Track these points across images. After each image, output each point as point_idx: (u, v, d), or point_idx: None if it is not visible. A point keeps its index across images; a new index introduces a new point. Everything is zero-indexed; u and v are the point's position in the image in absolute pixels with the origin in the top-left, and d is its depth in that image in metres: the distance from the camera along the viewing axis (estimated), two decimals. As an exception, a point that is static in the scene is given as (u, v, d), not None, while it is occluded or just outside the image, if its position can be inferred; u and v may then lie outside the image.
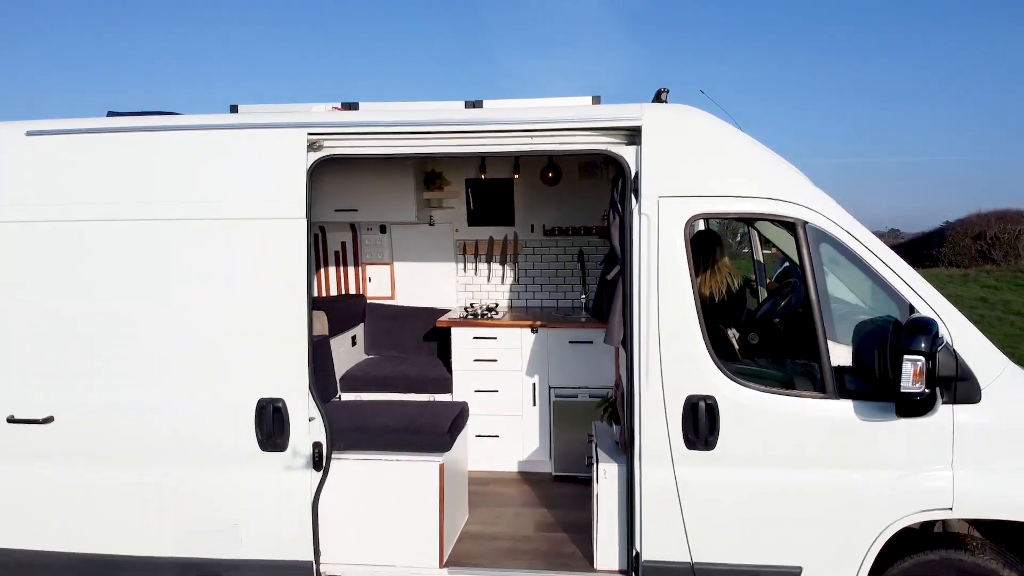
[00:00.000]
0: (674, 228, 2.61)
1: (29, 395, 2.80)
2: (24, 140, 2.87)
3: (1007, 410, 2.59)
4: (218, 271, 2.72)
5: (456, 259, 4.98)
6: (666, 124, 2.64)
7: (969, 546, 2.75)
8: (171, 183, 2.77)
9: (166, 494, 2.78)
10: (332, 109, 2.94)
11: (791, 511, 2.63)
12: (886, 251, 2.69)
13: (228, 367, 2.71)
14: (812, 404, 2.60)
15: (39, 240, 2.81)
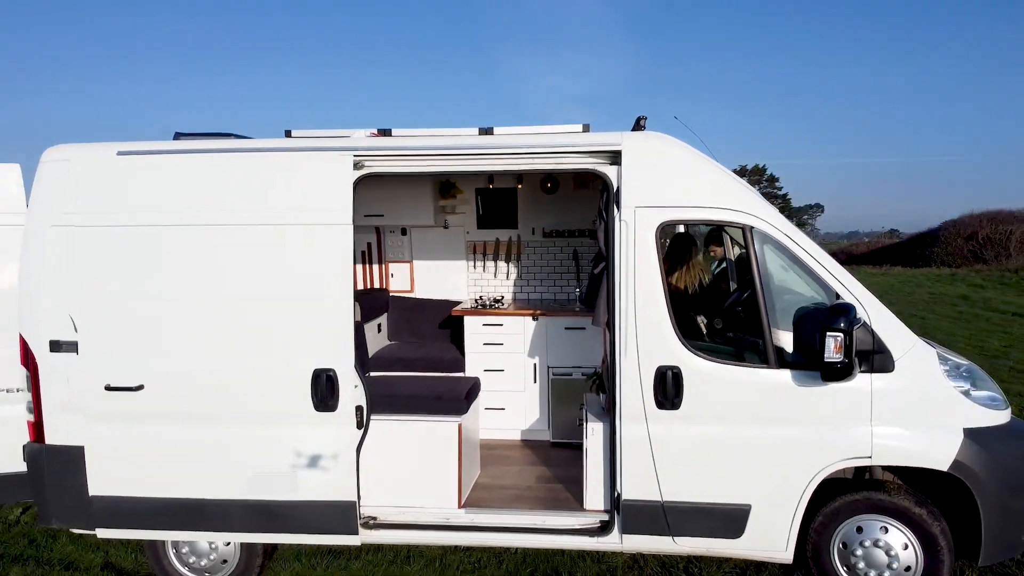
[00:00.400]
0: (647, 232, 3.24)
1: (123, 367, 3.42)
2: (115, 159, 3.50)
3: (916, 378, 3.22)
4: (280, 266, 3.34)
5: (467, 257, 5.61)
6: (641, 148, 3.28)
7: (888, 489, 3.40)
8: (241, 195, 3.38)
9: (237, 448, 3.40)
10: (370, 135, 3.57)
11: (742, 459, 3.26)
12: (818, 250, 3.33)
13: (288, 343, 3.33)
14: (757, 373, 3.23)
15: (130, 241, 3.41)
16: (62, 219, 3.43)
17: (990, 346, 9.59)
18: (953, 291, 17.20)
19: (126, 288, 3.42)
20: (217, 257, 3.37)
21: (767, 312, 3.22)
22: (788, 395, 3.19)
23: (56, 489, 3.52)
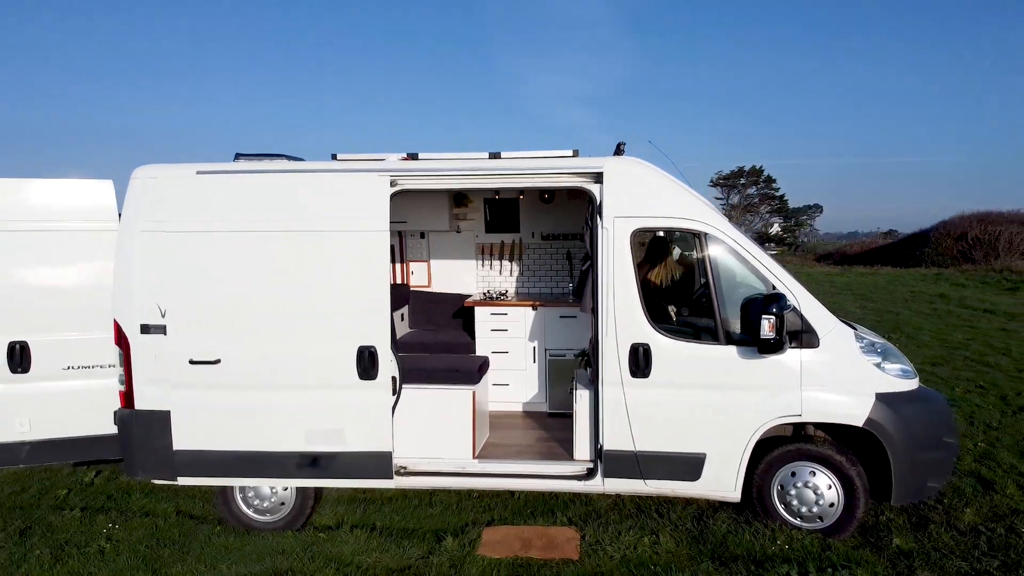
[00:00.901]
0: (624, 237, 4.07)
1: (204, 345, 4.23)
2: (195, 177, 4.31)
3: (836, 352, 4.05)
4: (330, 264, 4.15)
5: (476, 257, 6.44)
6: (619, 170, 4.11)
7: (816, 441, 4.23)
8: (298, 206, 4.19)
9: (296, 409, 4.21)
10: (401, 159, 4.40)
11: (698, 417, 4.08)
12: (759, 251, 4.16)
13: (337, 326, 4.15)
14: (710, 348, 4.06)
15: (208, 244, 4.21)
16: (151, 225, 4.25)
17: (953, 339, 10.41)
18: (934, 290, 18.04)
19: (205, 282, 4.22)
20: (279, 256, 4.18)
21: (718, 300, 4.05)
22: (734, 366, 4.02)
23: (143, 446, 4.33)
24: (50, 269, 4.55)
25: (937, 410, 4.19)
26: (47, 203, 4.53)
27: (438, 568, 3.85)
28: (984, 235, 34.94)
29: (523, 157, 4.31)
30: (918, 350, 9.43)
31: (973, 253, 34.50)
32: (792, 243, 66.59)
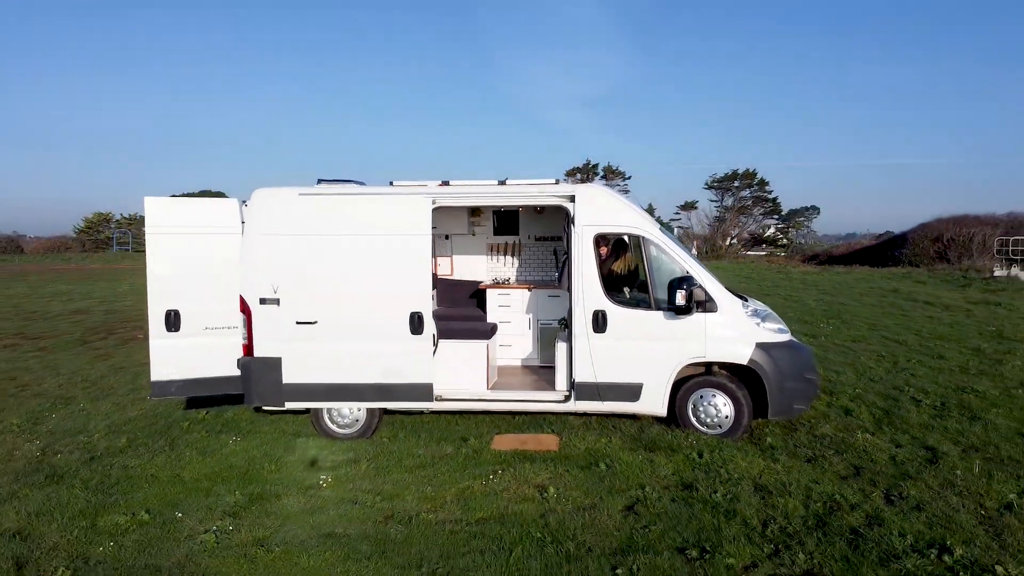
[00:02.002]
0: (589, 239, 6.09)
1: (306, 311, 6.24)
2: (297, 197, 6.34)
3: (728, 315, 6.06)
4: (393, 255, 6.14)
5: (487, 253, 8.46)
6: (585, 194, 6.14)
7: (717, 375, 6.25)
8: (369, 217, 6.21)
9: (369, 354, 6.20)
10: (438, 185, 6.40)
11: (638, 358, 6.09)
12: (678, 248, 6.19)
13: (396, 297, 6.15)
14: (645, 313, 6.08)
15: (307, 242, 6.22)
16: (267, 230, 6.27)
17: (881, 323, 12.44)
18: (892, 286, 20.07)
19: (306, 268, 6.23)
20: (355, 251, 6.19)
21: (650, 281, 6.08)
22: (661, 324, 6.05)
23: (260, 382, 6.34)
24: (195, 259, 6.54)
25: (802, 355, 6.22)
26: (194, 214, 6.53)
27: (464, 456, 5.87)
28: (958, 237, 36.98)
29: (521, 184, 6.34)
30: (847, 331, 11.46)
31: (948, 254, 36.51)
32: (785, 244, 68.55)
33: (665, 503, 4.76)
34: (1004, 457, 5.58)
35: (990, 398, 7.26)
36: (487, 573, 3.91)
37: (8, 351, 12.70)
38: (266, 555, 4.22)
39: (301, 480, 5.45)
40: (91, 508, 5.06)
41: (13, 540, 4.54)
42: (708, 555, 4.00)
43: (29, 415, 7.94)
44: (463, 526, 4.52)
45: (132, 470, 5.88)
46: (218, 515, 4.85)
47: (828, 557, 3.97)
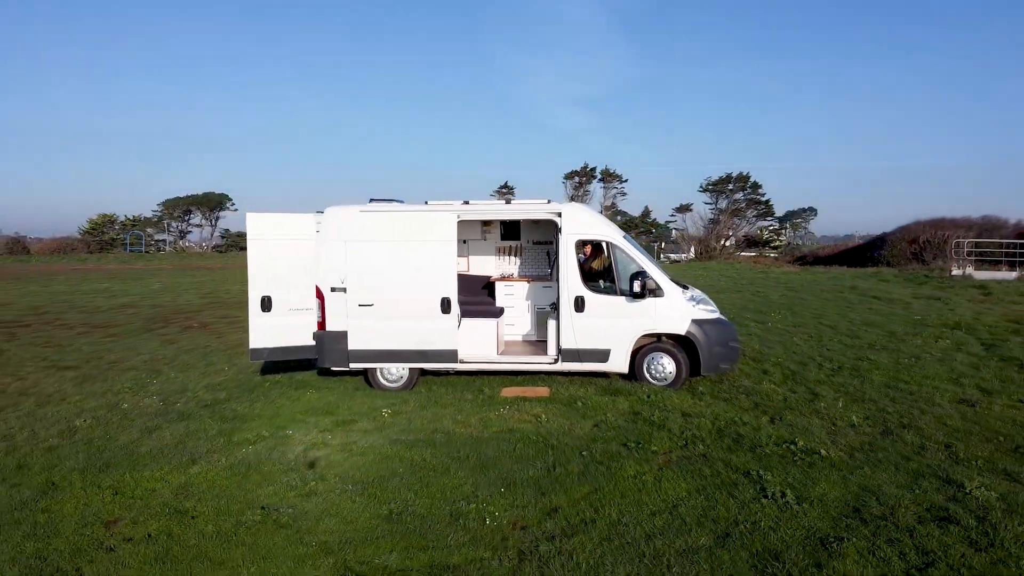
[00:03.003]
0: (571, 244, 8.42)
1: (366, 296, 8.56)
2: (358, 212, 8.66)
3: (672, 299, 8.38)
4: (429, 256, 8.44)
5: (496, 254, 10.77)
6: (570, 211, 8.47)
7: (664, 343, 8.57)
8: (411, 228, 8.53)
9: (410, 328, 8.51)
10: (461, 204, 8.71)
11: (608, 331, 8.41)
12: (636, 251, 8.51)
13: (432, 286, 8.46)
14: (613, 298, 8.41)
15: (366, 247, 8.54)
16: (336, 237, 8.58)
17: (825, 313, 14.73)
18: (852, 283, 22.36)
19: (365, 265, 8.55)
20: (402, 253, 8.50)
21: (616, 275, 8.40)
22: (624, 306, 8.37)
23: (331, 349, 8.66)
24: (282, 259, 8.83)
25: (727, 329, 8.53)
26: (281, 226, 8.83)
27: (482, 399, 8.16)
28: (934, 239, 39.28)
29: (522, 203, 8.67)
30: (792, 319, 13.77)
31: (924, 255, 38.81)
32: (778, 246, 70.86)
33: (619, 422, 7.08)
34: (866, 399, 7.88)
35: (879, 364, 9.57)
36: (500, 455, 6.21)
37: (85, 337, 15.03)
38: (357, 449, 6.53)
39: (369, 412, 7.76)
40: (224, 432, 7.36)
41: (177, 448, 6.83)
42: (641, 445, 6.31)
43: (133, 382, 10.26)
44: (484, 435, 6.83)
45: (240, 412, 8.18)
46: (316, 432, 7.15)
47: (717, 447, 6.27)
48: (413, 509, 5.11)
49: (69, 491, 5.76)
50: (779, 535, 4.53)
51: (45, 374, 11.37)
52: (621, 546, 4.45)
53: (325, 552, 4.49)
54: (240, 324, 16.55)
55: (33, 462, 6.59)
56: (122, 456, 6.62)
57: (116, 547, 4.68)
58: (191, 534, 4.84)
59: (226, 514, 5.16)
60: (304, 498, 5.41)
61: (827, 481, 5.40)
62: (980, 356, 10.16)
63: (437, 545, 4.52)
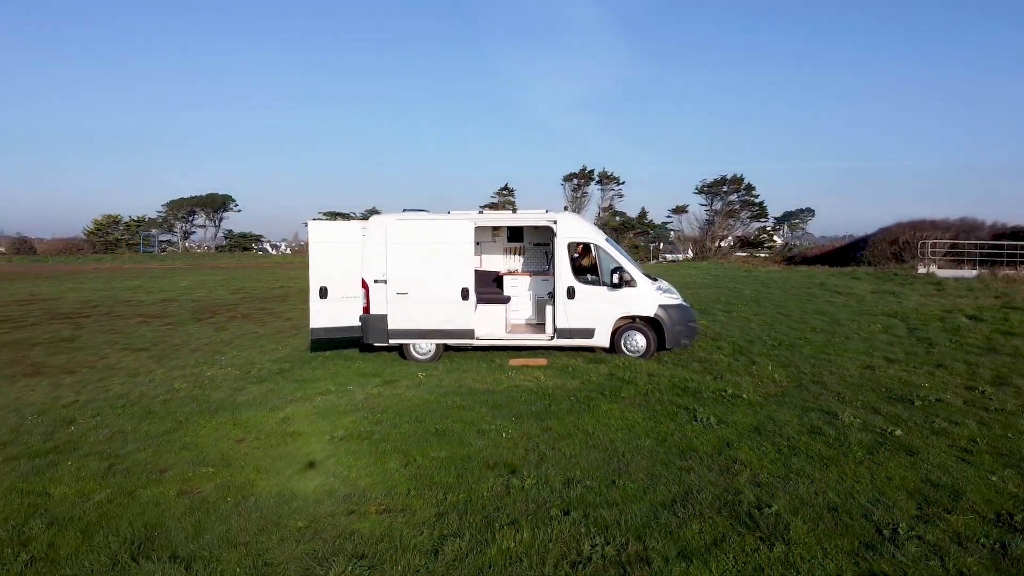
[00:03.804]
0: (564, 245, 10.74)
1: (402, 286, 10.86)
2: (396, 221, 10.98)
3: (643, 289, 10.71)
4: (452, 255, 10.75)
5: (503, 253, 13.06)
6: (564, 218, 10.80)
7: (637, 322, 10.87)
8: (437, 233, 10.84)
9: (437, 311, 10.81)
10: (477, 213, 11.00)
11: (593, 313, 10.73)
12: (615, 251, 10.83)
13: (455, 278, 10.76)
14: (597, 288, 10.73)
15: (402, 248, 10.84)
16: (378, 240, 10.90)
17: (786, 305, 17.00)
18: (823, 280, 24.62)
19: (402, 262, 10.86)
20: (430, 252, 10.81)
21: (600, 269, 10.71)
22: (606, 294, 10.68)
23: (374, 328, 10.97)
24: (335, 257, 11.11)
25: (687, 312, 10.83)
26: (334, 232, 11.11)
27: (494, 367, 10.42)
28: (914, 240, 41.55)
29: (525, 212, 10.98)
30: (755, 309, 16.04)
31: (903, 255, 41.07)
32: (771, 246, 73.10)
33: (599, 380, 9.36)
34: (791, 365, 10.15)
35: (813, 342, 11.86)
36: (510, 400, 8.48)
37: (145, 326, 17.34)
38: (403, 398, 8.80)
39: (407, 376, 10.05)
40: (299, 388, 9.63)
41: (265, 400, 9.10)
42: (614, 393, 8.59)
43: (205, 358, 12.54)
44: (497, 389, 9.11)
45: (305, 376, 10.45)
46: (370, 387, 9.43)
47: (668, 394, 8.54)
48: (451, 429, 7.39)
49: (198, 424, 8.03)
50: (699, 440, 6.81)
51: (123, 355, 13.67)
52: (592, 446, 6.72)
53: (396, 451, 6.76)
54: (277, 314, 18.89)
55: (156, 410, 8.87)
56: (224, 406, 8.90)
57: (249, 452, 6.95)
58: (301, 443, 7.12)
59: (321, 433, 7.43)
60: (374, 424, 7.69)
61: (742, 413, 7.69)
62: (900, 337, 12.44)
63: (471, 447, 6.79)
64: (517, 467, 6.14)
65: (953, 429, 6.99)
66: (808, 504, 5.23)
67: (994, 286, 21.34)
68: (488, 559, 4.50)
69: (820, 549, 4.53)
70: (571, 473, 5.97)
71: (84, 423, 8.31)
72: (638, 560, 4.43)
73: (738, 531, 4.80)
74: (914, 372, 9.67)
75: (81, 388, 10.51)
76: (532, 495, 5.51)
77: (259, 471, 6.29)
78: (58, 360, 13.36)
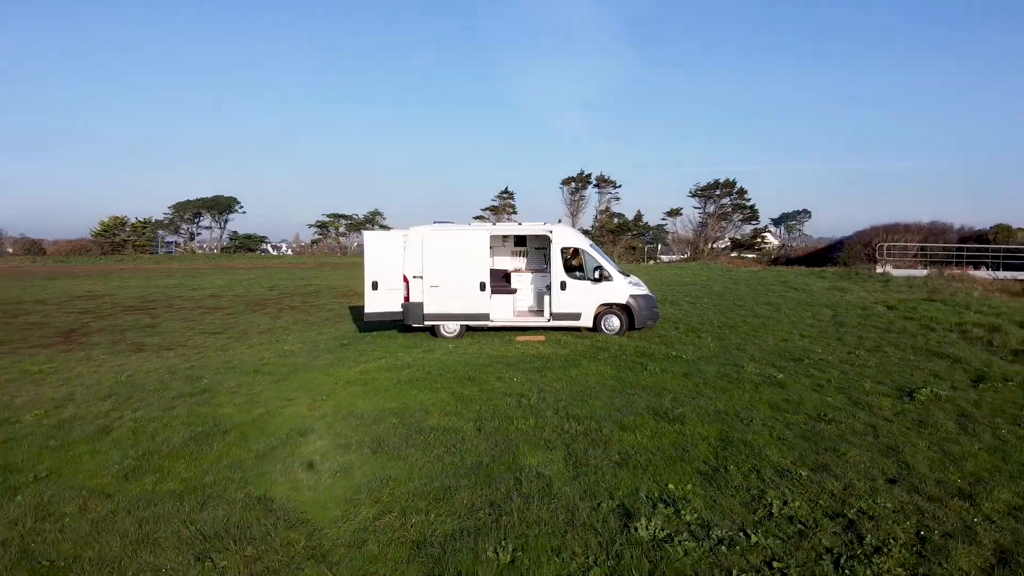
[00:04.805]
0: (558, 250, 14.22)
1: (435, 280, 14.30)
2: (429, 231, 14.44)
3: (617, 282, 14.21)
4: (472, 257, 14.21)
5: (511, 255, 16.48)
6: (557, 230, 14.29)
7: (613, 308, 14.34)
8: (463, 239, 14.30)
9: (462, 300, 14.27)
10: (492, 225, 14.45)
11: (580, 301, 14.21)
12: (598, 253, 14.32)
13: (475, 274, 14.22)
14: (583, 282, 14.24)
15: (435, 251, 14.29)
16: (416, 246, 14.38)
17: (743, 297, 20.43)
18: (786, 278, 28.05)
19: (434, 261, 14.32)
20: (457, 254, 14.28)
21: (585, 268, 14.20)
22: (590, 287, 14.19)
23: (413, 313, 14.44)
24: (383, 258, 14.54)
25: (652, 300, 14.30)
26: (381, 240, 14.55)
27: (505, 342, 13.85)
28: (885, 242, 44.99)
29: (528, 224, 14.46)
30: (717, 302, 19.47)
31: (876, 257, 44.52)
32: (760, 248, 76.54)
33: (583, 349, 12.79)
34: (725, 339, 13.57)
35: (750, 324, 15.27)
36: (518, 362, 11.89)
37: (209, 316, 20.75)
38: (440, 360, 12.22)
39: (440, 347, 13.48)
40: (360, 355, 13.05)
41: (338, 364, 12.53)
42: (593, 357, 12.02)
43: (273, 338, 15.97)
44: (508, 355, 12.52)
45: (363, 348, 13.88)
46: (416, 354, 12.86)
47: (632, 356, 11.96)
48: (478, 377, 10.79)
49: (298, 377, 11.44)
50: (645, 380, 10.22)
51: (203, 337, 17.08)
52: (574, 385, 10.13)
53: (443, 388, 10.16)
54: (319, 307, 22.32)
55: (260, 370, 12.28)
56: (310, 367, 12.31)
57: (345, 390, 10.35)
58: (379, 384, 10.53)
59: (389, 379, 10.84)
60: (424, 374, 11.09)
61: (679, 366, 11.12)
62: (823, 321, 15.86)
63: (493, 386, 10.19)
64: (524, 394, 9.58)
65: (819, 375, 10.42)
66: (703, 409, 8.66)
67: (932, 284, 24.78)
68: (511, 431, 7.93)
69: (701, 427, 7.95)
70: (559, 397, 9.42)
71: (210, 379, 11.71)
72: (595, 431, 7.86)
73: (655, 420, 8.23)
74: (816, 343, 13.10)
75: (187, 360, 13.95)
76: (534, 406, 8.95)
77: (357, 398, 9.72)
78: (153, 341, 16.77)
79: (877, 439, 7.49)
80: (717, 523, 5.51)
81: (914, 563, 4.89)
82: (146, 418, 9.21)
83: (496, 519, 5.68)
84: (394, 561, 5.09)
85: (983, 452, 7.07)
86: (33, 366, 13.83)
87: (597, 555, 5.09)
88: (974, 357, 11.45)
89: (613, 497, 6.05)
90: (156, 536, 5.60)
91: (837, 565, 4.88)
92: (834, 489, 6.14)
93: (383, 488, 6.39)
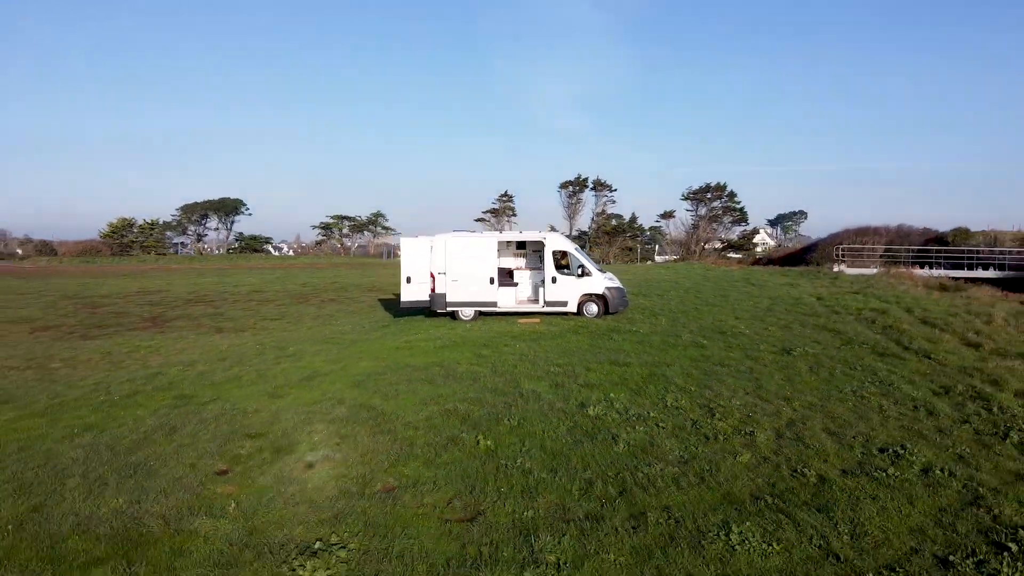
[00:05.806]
0: (550, 252, 18.58)
1: (454, 275, 18.60)
2: (451, 238, 18.77)
3: (595, 277, 18.56)
4: (483, 258, 18.52)
5: (513, 256, 20.73)
6: (550, 237, 18.67)
7: (594, 297, 18.66)
8: (477, 245, 18.62)
9: (474, 290, 18.57)
10: (500, 233, 18.73)
11: (567, 292, 18.54)
12: (582, 255, 18.66)
13: (485, 271, 18.51)
14: (570, 277, 18.58)
15: (455, 253, 18.59)
16: (440, 249, 18.72)
17: (705, 292, 24.69)
18: (751, 276, 32.30)
19: (454, 261, 18.64)
20: (472, 256, 18.60)
21: (571, 266, 18.54)
22: (574, 281, 18.55)
23: (438, 301, 18.78)
24: (415, 259, 18.80)
25: (623, 292, 18.65)
26: (413, 246, 18.84)
27: (509, 323, 18.11)
28: (855, 244, 49.15)
29: (527, 233, 18.80)
30: (683, 294, 23.76)
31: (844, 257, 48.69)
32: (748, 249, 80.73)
33: (569, 327, 17.05)
34: (677, 320, 17.82)
35: (700, 310, 19.54)
36: (519, 335, 16.15)
37: (263, 307, 24.99)
38: (462, 335, 16.49)
39: (459, 327, 17.75)
40: (401, 333, 17.33)
41: (384, 338, 16.80)
42: (575, 332, 16.28)
43: (324, 323, 20.27)
44: (512, 331, 16.77)
45: (401, 329, 18.16)
46: (443, 331, 17.13)
47: (604, 331, 16.23)
48: (491, 344, 15.03)
49: (358, 345, 15.69)
50: (608, 345, 14.47)
51: (265, 322, 21.38)
52: (560, 349, 14.38)
53: (466, 352, 14.40)
54: (353, 299, 26.58)
55: (328, 340, 16.55)
56: (364, 341, 16.58)
57: (398, 353, 14.61)
58: (420, 349, 14.78)
59: (427, 347, 15.08)
60: (452, 345, 15.33)
61: (634, 337, 15.38)
62: (760, 308, 20.10)
63: (503, 352, 14.40)
64: (525, 354, 13.86)
65: (733, 341, 14.68)
66: (643, 360, 12.92)
67: (874, 280, 28.96)
68: (515, 372, 12.19)
69: (639, 369, 12.21)
70: (548, 355, 13.70)
71: (295, 348, 15.98)
72: (570, 371, 12.12)
73: (611, 365, 12.50)
74: (743, 323, 17.35)
75: (264, 337, 18.24)
76: (531, 359, 13.22)
77: (407, 356, 14.00)
78: (228, 325, 21.08)
79: (751, 375, 11.76)
80: (633, 409, 9.77)
81: (741, 425, 9.14)
82: (262, 369, 13.47)
83: (508, 408, 9.96)
84: (451, 427, 9.33)
85: (815, 380, 11.33)
86: (142, 342, 18.17)
87: (564, 421, 9.36)
88: (852, 331, 15.70)
89: (576, 400, 10.33)
90: (312, 419, 9.85)
91: (694, 424, 9.13)
92: (708, 395, 10.41)
93: (438, 399, 10.64)
